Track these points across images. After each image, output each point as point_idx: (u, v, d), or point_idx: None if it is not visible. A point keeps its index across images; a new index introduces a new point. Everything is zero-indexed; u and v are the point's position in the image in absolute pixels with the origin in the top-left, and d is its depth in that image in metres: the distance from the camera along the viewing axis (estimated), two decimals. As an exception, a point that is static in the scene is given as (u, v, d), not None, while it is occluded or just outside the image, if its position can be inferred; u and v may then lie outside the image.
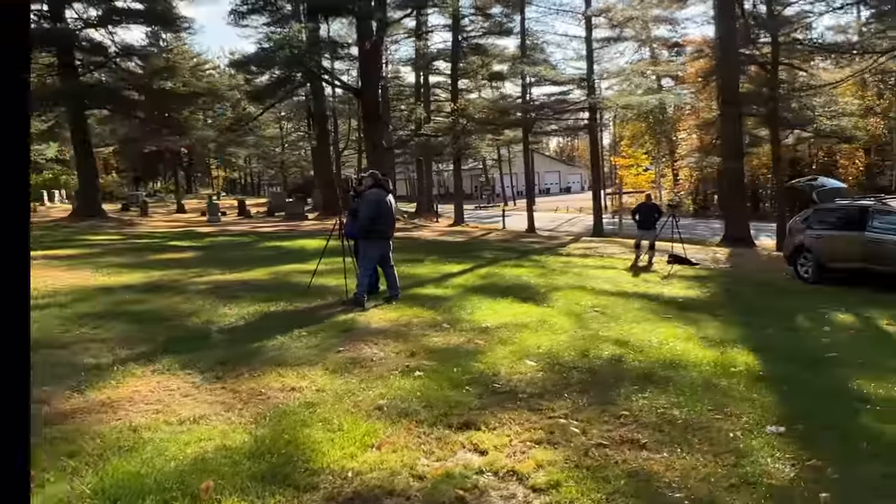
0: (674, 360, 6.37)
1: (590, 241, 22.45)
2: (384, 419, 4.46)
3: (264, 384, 5.21)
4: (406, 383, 5.27)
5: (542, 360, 6.13)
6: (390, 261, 9.27)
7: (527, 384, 5.40)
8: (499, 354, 6.29)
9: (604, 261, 15.96)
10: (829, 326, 8.94)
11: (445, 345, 6.72)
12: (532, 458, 3.88)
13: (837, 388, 5.86)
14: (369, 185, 9.13)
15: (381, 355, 6.23)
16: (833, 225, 13.23)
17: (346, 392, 5.04)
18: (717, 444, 4.23)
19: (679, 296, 11.06)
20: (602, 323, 8.26)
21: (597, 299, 10.06)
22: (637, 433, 4.38)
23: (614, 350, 6.69)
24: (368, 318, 7.99)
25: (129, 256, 13.67)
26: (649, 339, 7.37)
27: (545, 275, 12.71)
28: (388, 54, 37.34)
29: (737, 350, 7.03)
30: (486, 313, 8.42)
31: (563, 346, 6.71)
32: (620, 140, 53.53)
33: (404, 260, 14.18)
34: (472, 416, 4.58)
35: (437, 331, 7.34)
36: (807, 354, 7.13)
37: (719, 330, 8.26)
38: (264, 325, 7.41)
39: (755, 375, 6.01)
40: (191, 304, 8.50)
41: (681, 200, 43.10)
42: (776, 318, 9.32)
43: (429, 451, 3.95)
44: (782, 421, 4.74)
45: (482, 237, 23.08)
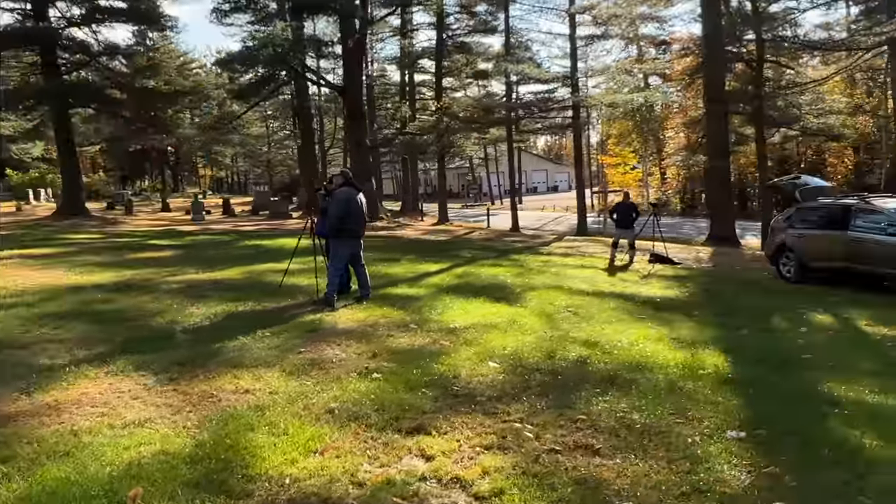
0: (641, 361, 6.28)
1: (573, 240, 22.38)
2: (333, 423, 4.35)
3: (217, 386, 5.09)
4: (362, 386, 5.15)
5: (505, 362, 6.02)
6: (361, 260, 9.15)
7: (486, 387, 5.30)
8: (462, 356, 6.18)
9: (584, 260, 15.88)
10: (807, 327, 8.87)
11: (409, 346, 6.60)
12: (479, 465, 3.77)
13: (806, 391, 5.77)
14: (339, 184, 9.01)
15: (342, 356, 6.11)
16: (815, 224, 13.16)
17: (299, 395, 4.92)
18: (674, 450, 4.13)
19: (656, 296, 10.97)
20: (573, 323, 8.16)
21: (571, 299, 9.97)
22: (592, 438, 4.29)
23: (582, 351, 6.59)
24: (336, 318, 7.87)
25: (105, 255, 13.48)
26: (619, 339, 7.28)
27: (522, 274, 12.61)
28: (374, 53, 37.21)
29: (708, 351, 6.95)
30: (457, 314, 8.31)
31: (529, 348, 6.61)
32: (608, 139, 53.50)
33: (381, 259, 14.08)
34: (424, 419, 4.47)
35: (403, 331, 7.23)
36: (779, 356, 7.05)
37: (693, 331, 8.17)
38: (229, 325, 7.28)
39: (723, 378, 5.92)
40: (158, 304, 8.36)
41: (667, 199, 43.16)
42: (753, 319, 9.25)
43: (373, 457, 3.84)
44: (744, 425, 4.65)
45: (465, 236, 22.96)
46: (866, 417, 5.00)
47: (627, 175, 45.65)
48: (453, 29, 31.13)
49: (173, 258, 13.52)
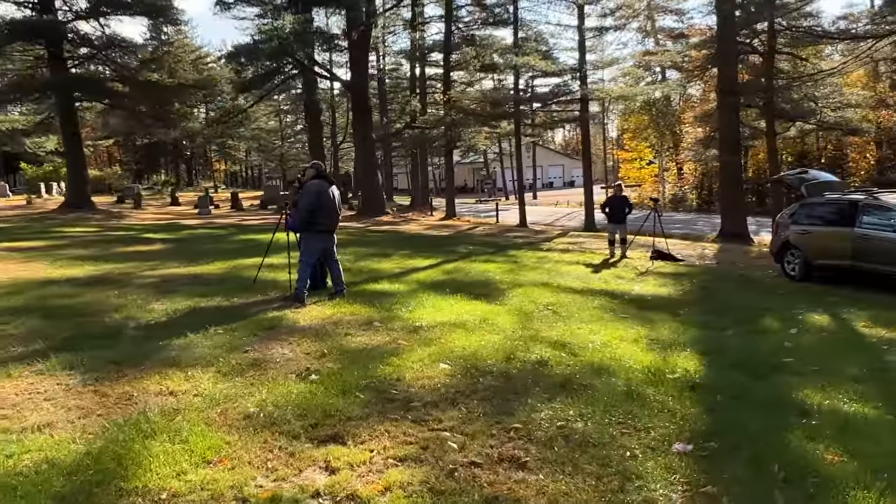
0: (606, 364, 5.94)
1: (578, 235, 21.92)
2: (245, 430, 4.07)
3: (141, 387, 4.84)
4: (294, 388, 4.87)
5: (458, 364, 5.71)
6: (334, 255, 8.88)
7: (428, 391, 4.99)
8: (415, 357, 5.88)
9: (583, 256, 15.46)
10: (798, 328, 8.42)
11: (364, 345, 6.32)
12: (384, 480, 3.47)
13: (778, 398, 5.39)
14: (311, 176, 8.74)
15: (288, 356, 5.84)
16: (821, 220, 12.66)
17: (224, 398, 4.66)
18: (608, 465, 3.80)
19: (648, 293, 10.58)
20: (549, 322, 7.82)
21: (556, 297, 9.62)
22: (522, 450, 3.96)
23: (546, 352, 6.26)
24: (300, 315, 7.60)
25: (94, 249, 13.38)
26: (592, 340, 6.94)
27: (513, 270, 12.27)
28: (386, 46, 36.90)
29: (683, 354, 6.59)
30: (429, 311, 8.01)
31: (491, 348, 6.30)
32: (623, 133, 52.79)
33: (374, 254, 13.84)
34: (345, 427, 4.18)
35: (364, 330, 6.94)
36: (759, 360, 6.65)
37: (674, 331, 7.79)
38: (186, 321, 7.04)
39: (690, 383, 5.57)
40: (123, 299, 8.16)
41: (683, 195, 42.42)
42: (742, 319, 8.84)
43: (272, 469, 3.55)
44: (696, 437, 4.31)
45: (468, 231, 22.60)
46: (835, 429, 4.62)
47: (643, 170, 45.09)
48: (465, 21, 30.73)
49: (161, 252, 13.37)
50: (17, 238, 14.59)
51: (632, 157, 46.03)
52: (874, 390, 5.78)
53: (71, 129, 25.47)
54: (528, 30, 26.48)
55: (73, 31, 24.81)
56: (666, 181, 45.09)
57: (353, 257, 13.26)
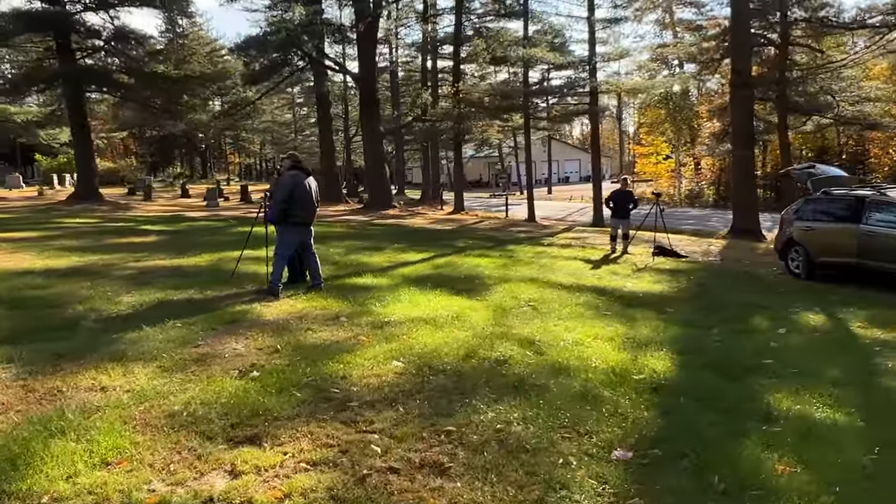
0: (569, 364, 5.70)
1: (583, 230, 21.56)
2: (161, 430, 3.90)
3: (73, 383, 4.70)
4: (230, 386, 4.70)
5: (413, 362, 5.51)
6: (311, 248, 8.71)
7: (371, 390, 4.79)
8: (370, 354, 5.68)
9: (584, 251, 15.15)
10: (789, 328, 8.11)
11: (323, 341, 6.13)
12: (288, 485, 3.28)
13: (745, 402, 5.12)
14: (287, 168, 8.59)
15: (239, 351, 5.67)
16: (826, 216, 12.27)
17: (155, 394, 4.50)
18: (534, 473, 3.57)
19: (640, 290, 10.29)
20: (525, 319, 7.58)
21: (541, 293, 9.37)
22: (449, 455, 3.75)
23: (510, 350, 6.03)
24: (269, 309, 7.44)
25: (85, 240, 13.35)
26: (564, 338, 6.70)
27: (506, 265, 12.03)
28: (399, 39, 36.70)
29: (658, 353, 6.32)
30: (403, 306, 7.82)
31: (454, 345, 6.08)
32: (640, 127, 52.09)
33: (367, 248, 13.67)
34: (268, 428, 3.99)
35: (329, 325, 6.76)
36: (738, 360, 6.37)
37: (655, 329, 7.51)
38: (148, 314, 6.91)
39: (654, 385, 5.32)
40: (93, 291, 8.05)
41: (700, 190, 41.77)
42: (732, 318, 8.54)
43: (172, 472, 3.37)
44: (641, 443, 4.07)
45: (473, 225, 22.34)
46: (797, 436, 4.36)
47: (659, 165, 44.45)
48: (478, 14, 30.38)
49: (153, 244, 13.31)
50: (14, 229, 14.64)
51: (648, 151, 45.36)
52: (852, 395, 5.50)
53: (79, 121, 25.60)
54: (537, 21, 26.13)
55: (81, 22, 24.90)
56: (683, 176, 44.39)
57: (344, 250, 13.12)
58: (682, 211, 37.18)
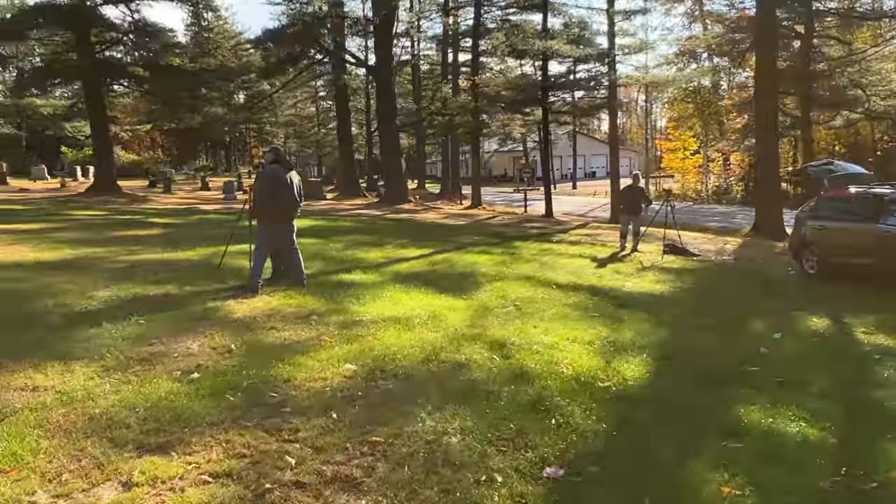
0: (532, 369, 5.44)
1: (599, 227, 21.08)
2: (71, 435, 3.75)
3: (7, 381, 4.60)
4: (164, 388, 4.54)
5: (367, 365, 5.30)
6: (293, 244, 8.54)
7: (310, 395, 4.60)
8: (325, 355, 5.50)
9: (592, 249, 14.78)
10: (785, 332, 7.72)
11: (283, 340, 5.96)
12: (180, 500, 3.09)
13: (712, 414, 4.82)
14: (269, 162, 8.45)
15: (192, 351, 5.52)
16: (841, 215, 11.74)
17: (84, 396, 4.36)
18: (450, 492, 3.34)
19: (639, 291, 9.96)
20: (504, 320, 7.33)
21: (532, 292, 9.09)
22: (367, 469, 3.54)
23: (476, 354, 5.80)
24: (241, 305, 7.30)
25: (88, 233, 13.39)
26: (540, 340, 6.44)
27: (505, 263, 11.75)
28: (421, 32, 36.46)
29: (635, 358, 6.04)
30: (380, 305, 7.62)
31: (418, 347, 5.86)
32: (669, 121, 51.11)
33: (368, 243, 13.49)
34: (185, 434, 3.82)
35: (296, 323, 6.59)
36: (720, 367, 6.05)
37: (641, 332, 7.19)
38: (115, 310, 6.79)
39: (618, 394, 5.05)
40: (71, 285, 7.98)
41: (727, 187, 40.85)
42: (729, 321, 8.20)
43: (62, 482, 3.21)
44: (581, 460, 3.81)
45: (486, 220, 22.02)
46: (757, 455, 4.06)
47: (686, 160, 43.55)
48: (501, 6, 29.93)
49: (154, 237, 13.29)
50: (22, 221, 14.77)
51: (675, 146, 44.48)
52: (835, 407, 5.16)
53: (97, 114, 25.85)
54: (558, 14, 25.57)
55: (101, 15, 25.07)
56: (711, 172, 43.47)
57: (344, 246, 12.97)
58: (709, 208, 36.39)
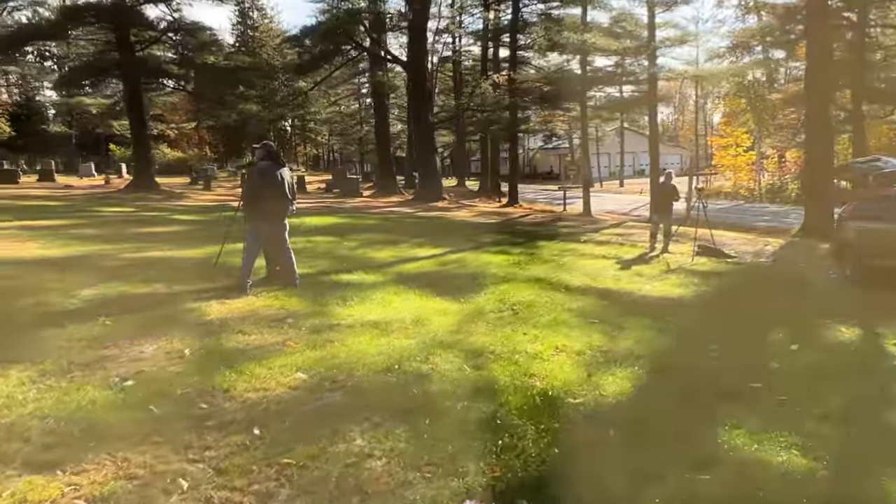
0: (499, 383, 5.05)
1: (633, 226, 20.29)
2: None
3: (-66, 386, 4.40)
4: (89, 396, 4.30)
5: (319, 374, 4.98)
6: (285, 242, 8.30)
7: (242, 407, 4.29)
8: (280, 362, 5.20)
9: (620, 249, 14.13)
10: (806, 343, 7.06)
11: (244, 345, 5.69)
12: (34, 529, 2.80)
13: (692, 438, 4.32)
14: (260, 158, 8.22)
15: (145, 355, 5.28)
16: (883, 216, 10.87)
17: (4, 404, 4.13)
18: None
19: (655, 295, 9.38)
20: (494, 326, 6.91)
21: (537, 295, 8.63)
22: (260, 496, 3.20)
23: (445, 363, 5.42)
24: (222, 307, 7.07)
25: (105, 229, 13.45)
26: (524, 349, 6.03)
27: (519, 264, 11.28)
28: (462, 27, 36.03)
29: (625, 371, 5.58)
30: (367, 308, 7.30)
31: (385, 355, 5.52)
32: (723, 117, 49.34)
33: (383, 242, 13.20)
34: (82, 451, 3.55)
35: (267, 327, 6.31)
36: (719, 383, 5.52)
37: (640, 342, 6.67)
38: (88, 310, 6.64)
39: (586, 412, 4.61)
40: (61, 283, 7.88)
41: (781, 185, 39.16)
42: (745, 329, 7.58)
43: (-82, 505, 2.96)
44: (507, 494, 3.40)
45: (518, 219, 21.45)
46: (723, 490, 3.56)
47: (739, 157, 41.94)
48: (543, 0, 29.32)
49: (168, 234, 13.26)
50: (49, 217, 14.98)
51: (727, 143, 42.87)
52: (836, 433, 4.61)
53: (136, 112, 26.29)
54: (598, 6, 24.79)
55: (140, 14, 25.43)
56: (764, 170, 41.74)
57: (357, 244, 12.72)
58: (760, 206, 34.94)
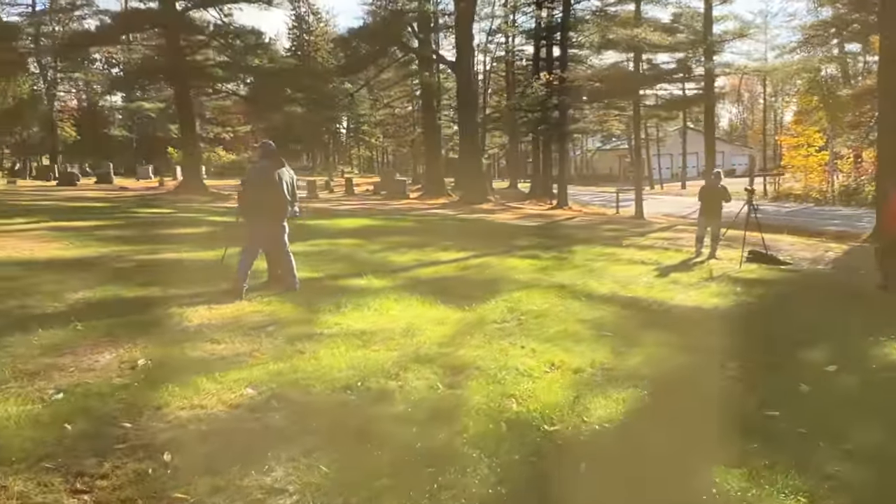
0: (469, 404, 4.54)
1: (684, 230, 19.13)
2: None
3: None
4: (8, 412, 3.98)
5: (270, 390, 4.57)
6: (284, 245, 7.95)
7: (168, 428, 3.92)
8: (235, 376, 4.82)
9: (662, 254, 13.24)
10: (847, 364, 6.24)
11: (207, 355, 5.35)
12: None
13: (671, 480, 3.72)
14: (258, 158, 7.94)
15: (95, 364, 5.00)
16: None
17: None
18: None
19: (686, 305, 8.64)
20: (491, 338, 6.36)
21: (553, 303, 8.04)
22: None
23: (418, 380, 4.96)
24: (208, 312, 6.77)
25: (132, 230, 13.49)
26: (512, 365, 5.51)
27: (545, 269, 10.66)
28: (517, 27, 35.44)
29: (621, 394, 4.99)
30: (360, 316, 6.89)
31: (352, 370, 5.08)
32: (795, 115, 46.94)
33: (409, 245, 12.81)
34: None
35: (243, 335, 5.96)
36: (728, 410, 4.84)
37: (652, 359, 6.03)
38: (67, 313, 6.38)
39: (559, 444, 4.06)
40: (56, 285, 7.69)
41: (857, 186, 36.87)
42: (779, 345, 6.80)
43: None
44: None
45: (562, 222, 20.65)
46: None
47: (810, 158, 39.83)
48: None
49: (195, 235, 13.16)
50: (83, 218, 15.14)
51: (798, 142, 40.74)
52: (859, 476, 3.92)
53: (185, 116, 26.72)
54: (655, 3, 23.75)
55: (189, 19, 25.81)
56: (838, 171, 39.43)
57: (381, 247, 12.34)
58: (831, 210, 32.97)
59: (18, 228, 12.54)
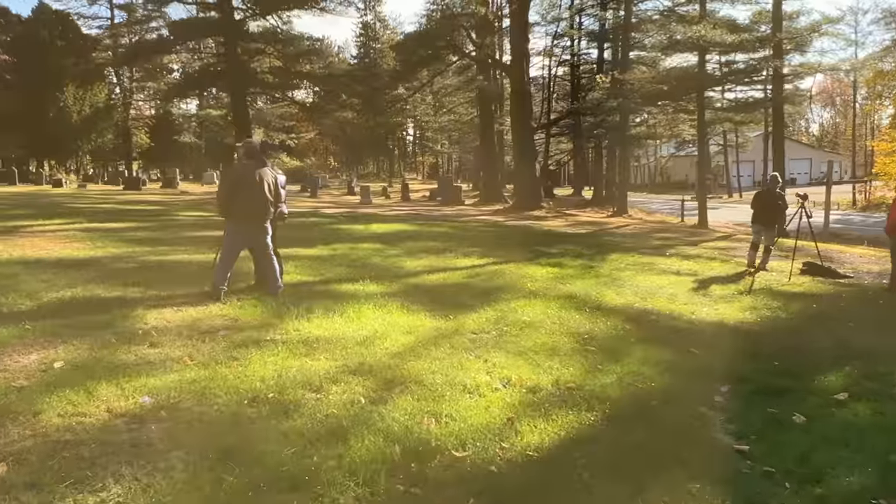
0: (382, 423, 4.09)
1: (743, 239, 17.82)
2: None
3: None
4: None
5: (168, 399, 4.27)
6: (267, 248, 7.66)
7: (35, 436, 3.68)
8: (141, 383, 4.57)
9: (708, 265, 12.24)
10: (862, 393, 5.42)
11: (137, 359, 5.10)
12: None
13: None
14: (240, 157, 7.68)
15: (12, 367, 4.80)
16: None
17: None
18: None
19: (706, 320, 7.88)
20: (459, 349, 5.90)
21: (548, 314, 7.47)
22: None
23: (342, 394, 4.59)
24: (172, 314, 6.56)
25: (160, 232, 13.54)
26: (463, 381, 5.04)
27: (563, 277, 10.01)
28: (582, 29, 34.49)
29: (569, 417, 4.48)
30: (327, 323, 6.55)
31: (272, 381, 4.71)
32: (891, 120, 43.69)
33: (428, 251, 12.41)
34: None
35: (188, 339, 5.71)
36: (685, 441, 4.24)
37: (627, 379, 5.41)
38: (33, 313, 6.32)
39: (461, 477, 3.57)
40: (43, 284, 7.66)
41: None
42: (794, 367, 6.02)
43: None
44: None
45: (612, 230, 19.55)
46: None
47: (905, 163, 36.94)
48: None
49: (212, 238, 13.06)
50: (120, 220, 15.40)
51: (892, 148, 37.88)
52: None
53: (241, 122, 27.17)
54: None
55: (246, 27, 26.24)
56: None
57: (399, 252, 11.96)
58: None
59: (52, 229, 12.83)
